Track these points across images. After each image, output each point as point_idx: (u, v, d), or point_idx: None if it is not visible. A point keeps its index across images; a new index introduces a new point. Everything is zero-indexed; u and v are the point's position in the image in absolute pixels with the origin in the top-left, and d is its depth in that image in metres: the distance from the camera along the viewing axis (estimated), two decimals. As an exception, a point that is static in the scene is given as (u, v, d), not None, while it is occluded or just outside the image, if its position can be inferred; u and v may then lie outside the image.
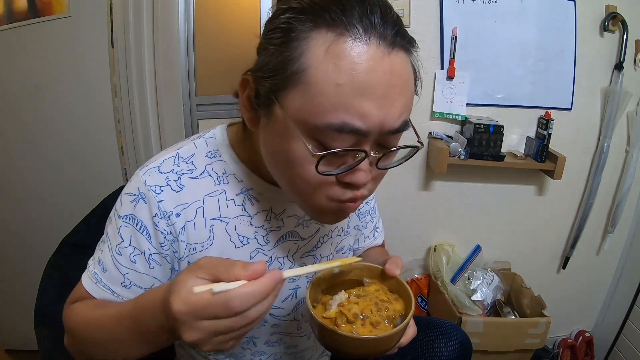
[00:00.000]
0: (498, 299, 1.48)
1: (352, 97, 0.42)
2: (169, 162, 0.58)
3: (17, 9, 1.32)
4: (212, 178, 0.59)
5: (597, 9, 1.37)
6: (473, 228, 1.58)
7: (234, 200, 0.59)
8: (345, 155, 0.47)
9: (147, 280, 0.57)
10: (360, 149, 0.46)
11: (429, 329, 0.78)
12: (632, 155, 1.48)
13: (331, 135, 0.44)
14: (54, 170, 1.45)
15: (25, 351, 1.57)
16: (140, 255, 0.56)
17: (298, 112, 0.44)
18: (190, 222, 0.57)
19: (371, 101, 0.43)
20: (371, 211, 0.82)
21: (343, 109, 0.43)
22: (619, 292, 1.66)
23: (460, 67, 1.35)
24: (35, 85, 1.37)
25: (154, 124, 1.40)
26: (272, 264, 0.64)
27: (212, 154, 0.60)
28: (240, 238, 0.61)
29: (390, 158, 0.51)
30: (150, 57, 1.34)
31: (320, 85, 0.43)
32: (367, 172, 0.48)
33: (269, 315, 0.68)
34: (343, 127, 0.43)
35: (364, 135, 0.45)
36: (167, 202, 0.55)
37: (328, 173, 0.46)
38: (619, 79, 1.39)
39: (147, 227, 0.55)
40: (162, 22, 1.31)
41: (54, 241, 0.85)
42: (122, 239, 0.56)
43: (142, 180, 0.56)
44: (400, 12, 1.31)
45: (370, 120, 0.44)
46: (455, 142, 1.34)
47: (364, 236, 0.83)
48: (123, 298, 0.57)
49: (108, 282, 0.57)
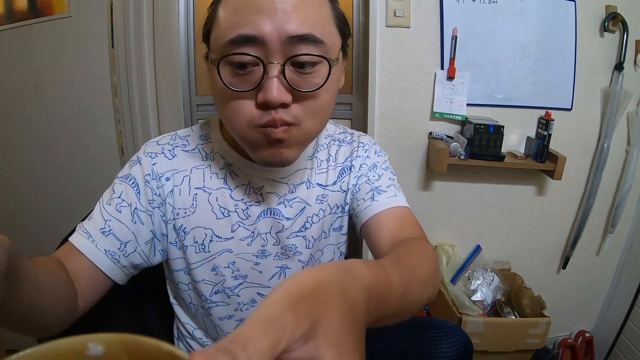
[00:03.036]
0: (498, 299, 1.48)
1: (247, 14, 0.48)
2: (166, 137, 0.67)
3: (17, 9, 1.32)
4: (201, 155, 0.65)
5: (597, 9, 1.37)
6: (473, 228, 1.58)
7: (217, 174, 0.65)
8: (255, 73, 0.50)
9: (126, 232, 0.59)
10: (256, 55, 0.49)
11: (431, 330, 0.78)
12: (632, 155, 1.48)
13: (233, 50, 0.49)
14: (53, 170, 1.45)
15: (25, 351, 1.57)
16: (127, 207, 0.60)
17: (214, 43, 0.53)
18: (177, 187, 0.63)
19: (264, 13, 0.48)
20: (369, 179, 0.70)
21: (239, 25, 0.49)
22: (619, 292, 1.66)
23: (461, 67, 1.35)
24: (36, 85, 1.37)
25: (154, 124, 1.40)
26: (255, 239, 0.66)
27: (205, 137, 0.67)
28: (221, 210, 0.64)
29: (309, 78, 0.51)
30: (151, 57, 1.34)
31: (224, 14, 0.50)
32: (279, 88, 0.49)
33: (257, 295, 0.68)
34: (238, 38, 0.48)
35: (263, 45, 0.48)
36: (160, 165, 0.62)
37: (238, 89, 0.50)
38: (619, 79, 1.39)
39: (138, 184, 0.61)
40: (162, 22, 1.31)
41: (54, 241, 0.85)
42: (113, 192, 0.61)
43: (143, 149, 0.64)
44: (400, 12, 1.31)
45: (262, 28, 0.48)
46: (455, 142, 1.34)
47: (363, 200, 0.69)
48: (98, 245, 0.57)
49: (88, 228, 0.58)
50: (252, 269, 0.66)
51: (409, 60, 1.36)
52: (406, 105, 1.40)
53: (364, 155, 0.71)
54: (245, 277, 0.66)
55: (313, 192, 0.68)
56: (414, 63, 1.36)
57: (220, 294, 0.67)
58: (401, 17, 1.31)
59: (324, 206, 0.69)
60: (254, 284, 0.68)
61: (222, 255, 0.65)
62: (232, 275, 0.66)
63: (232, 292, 0.66)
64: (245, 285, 0.67)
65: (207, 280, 0.65)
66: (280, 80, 0.49)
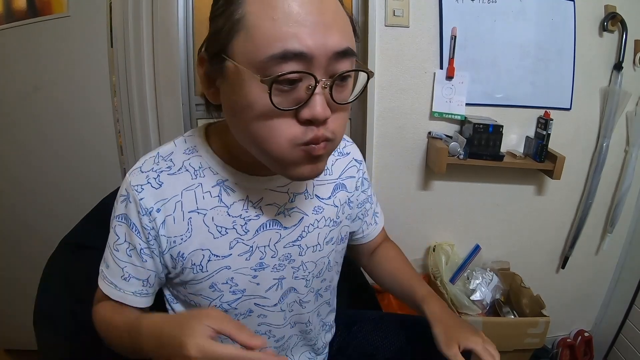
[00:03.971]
0: (497, 299, 1.48)
1: (289, 26, 0.45)
2: (149, 162, 0.62)
3: (16, 9, 1.32)
4: (189, 173, 0.62)
5: (597, 9, 1.37)
6: (472, 228, 1.58)
7: (210, 192, 0.62)
8: (298, 90, 0.48)
9: (143, 272, 0.63)
10: (309, 72, 0.47)
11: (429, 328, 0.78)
12: (631, 155, 1.48)
13: (277, 66, 0.46)
14: (53, 170, 1.45)
15: (24, 351, 1.57)
16: (134, 250, 0.61)
17: (244, 54, 0.47)
18: (170, 216, 0.60)
19: (307, 27, 0.45)
20: (369, 198, 0.83)
21: (282, 38, 0.45)
22: (618, 292, 1.67)
23: (460, 67, 1.35)
24: (34, 85, 1.37)
25: (153, 124, 1.40)
26: (253, 253, 0.65)
27: (190, 150, 0.63)
28: (218, 228, 0.62)
29: (344, 91, 0.52)
30: (150, 57, 1.34)
31: (258, 23, 0.46)
32: (324, 105, 0.48)
33: (254, 305, 0.68)
34: (285, 54, 0.45)
35: (309, 61, 0.46)
36: (147, 199, 0.59)
37: (284, 108, 0.48)
38: (618, 79, 1.40)
39: (135, 224, 0.60)
40: (161, 22, 1.31)
41: (54, 241, 0.85)
42: (117, 237, 0.62)
43: (128, 181, 0.61)
44: (400, 12, 1.31)
45: (309, 43, 0.45)
46: (454, 142, 1.34)
47: (367, 224, 0.85)
48: (125, 292, 0.63)
49: (110, 277, 0.63)
50: (249, 282, 0.66)
51: (408, 60, 1.36)
52: (405, 104, 1.41)
53: (357, 176, 0.78)
54: (243, 292, 0.66)
55: (311, 203, 0.69)
56: (413, 63, 1.36)
57: (217, 307, 0.66)
58: (400, 17, 1.31)
59: (319, 217, 0.70)
60: (252, 296, 0.67)
61: (220, 273, 0.64)
62: (230, 291, 0.65)
63: (229, 305, 0.66)
64: (243, 298, 0.67)
65: (204, 296, 0.65)
66: (325, 96, 0.49)
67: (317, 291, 0.76)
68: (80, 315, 0.79)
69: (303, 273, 0.71)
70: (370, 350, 0.85)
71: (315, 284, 0.74)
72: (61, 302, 0.83)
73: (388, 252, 0.89)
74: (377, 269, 0.88)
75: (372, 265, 0.89)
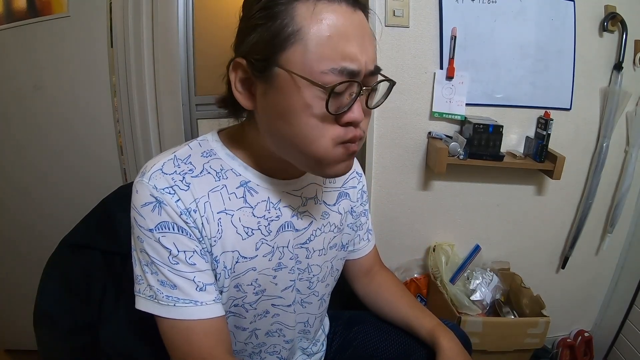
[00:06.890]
0: (497, 299, 1.48)
1: (343, 45, 0.52)
2: (169, 164, 0.59)
3: (16, 9, 1.32)
4: (212, 175, 0.62)
5: (597, 9, 1.37)
6: (472, 228, 1.58)
7: (235, 194, 0.63)
8: (342, 97, 0.54)
9: (211, 274, 0.61)
10: (357, 80, 0.54)
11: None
12: (631, 155, 1.48)
13: (331, 77, 0.52)
14: (53, 170, 1.45)
15: (24, 351, 1.57)
16: (194, 255, 0.59)
17: (302, 63, 0.52)
18: (204, 217, 0.59)
19: (356, 47, 0.53)
20: (365, 212, 0.87)
21: (340, 55, 0.52)
22: (618, 292, 1.66)
23: (460, 67, 1.35)
24: (34, 85, 1.37)
25: (154, 124, 1.40)
26: (274, 253, 0.67)
27: (207, 153, 0.63)
28: (245, 229, 0.63)
29: (374, 97, 0.60)
30: (150, 57, 1.34)
31: (316, 38, 0.51)
32: (361, 109, 0.56)
33: (271, 305, 0.70)
34: (343, 69, 0.52)
35: (356, 75, 0.53)
36: (182, 201, 0.58)
37: (334, 112, 0.53)
38: (618, 79, 1.40)
39: (182, 227, 0.57)
40: (161, 22, 1.31)
41: (54, 241, 0.85)
42: (168, 249, 0.57)
43: (151, 186, 0.57)
44: (400, 12, 1.31)
45: (359, 62, 0.53)
46: (454, 142, 1.34)
47: (360, 237, 0.87)
48: (206, 303, 0.59)
49: (185, 296, 0.58)
50: (270, 283, 0.67)
51: (408, 60, 1.36)
52: (405, 104, 1.41)
53: (358, 187, 0.82)
54: (263, 292, 0.67)
55: (319, 208, 0.73)
56: (413, 63, 1.36)
57: (238, 307, 0.67)
58: (400, 17, 1.31)
59: (325, 222, 0.74)
60: (271, 296, 0.69)
61: (247, 275, 0.64)
62: (254, 292, 0.66)
63: (250, 306, 0.67)
64: (263, 298, 0.68)
65: (229, 296, 0.65)
66: (360, 101, 0.56)
67: (321, 295, 0.78)
68: (80, 315, 0.79)
69: (308, 275, 0.73)
70: (370, 351, 0.86)
71: (320, 287, 0.76)
72: (61, 302, 0.82)
73: (386, 280, 0.90)
74: (375, 296, 0.88)
75: (369, 292, 0.89)
